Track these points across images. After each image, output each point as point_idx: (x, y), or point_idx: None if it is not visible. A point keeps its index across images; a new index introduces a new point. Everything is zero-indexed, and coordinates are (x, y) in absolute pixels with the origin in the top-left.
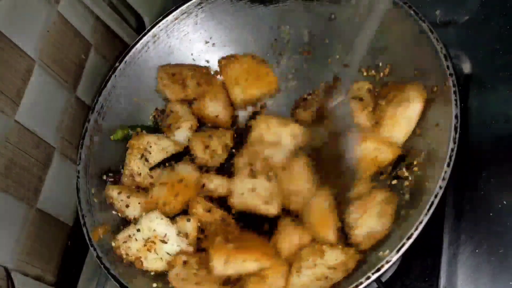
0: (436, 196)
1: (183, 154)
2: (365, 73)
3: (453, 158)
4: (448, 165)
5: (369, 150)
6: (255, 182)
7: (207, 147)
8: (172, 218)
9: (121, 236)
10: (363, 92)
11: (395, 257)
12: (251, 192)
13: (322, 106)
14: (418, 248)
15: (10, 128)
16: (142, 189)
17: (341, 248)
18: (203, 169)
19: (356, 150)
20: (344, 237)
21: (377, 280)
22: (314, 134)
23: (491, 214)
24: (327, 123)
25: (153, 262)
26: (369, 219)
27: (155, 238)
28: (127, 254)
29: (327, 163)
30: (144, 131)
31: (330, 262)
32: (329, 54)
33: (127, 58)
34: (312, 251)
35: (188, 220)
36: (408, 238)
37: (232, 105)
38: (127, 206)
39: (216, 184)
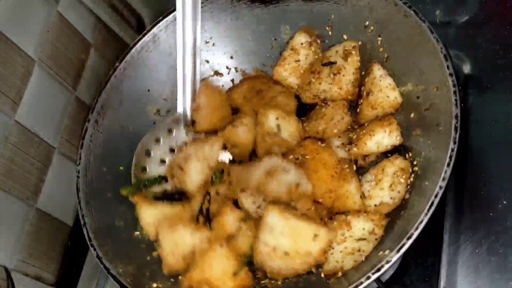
0: (436, 196)
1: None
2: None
3: (453, 158)
4: (448, 165)
5: None
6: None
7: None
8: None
9: None
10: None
11: (395, 257)
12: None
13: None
14: (418, 248)
15: (10, 128)
16: None
17: (366, 215)
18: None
19: None
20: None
21: (377, 280)
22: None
23: (491, 214)
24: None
25: None
26: (380, 192)
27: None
28: None
29: None
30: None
31: (358, 233)
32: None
33: (127, 58)
34: (339, 224)
35: None
36: (408, 238)
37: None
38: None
39: None
